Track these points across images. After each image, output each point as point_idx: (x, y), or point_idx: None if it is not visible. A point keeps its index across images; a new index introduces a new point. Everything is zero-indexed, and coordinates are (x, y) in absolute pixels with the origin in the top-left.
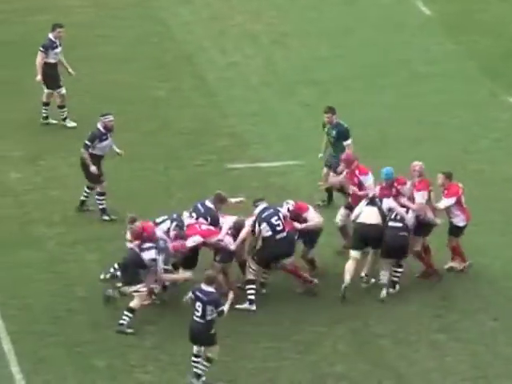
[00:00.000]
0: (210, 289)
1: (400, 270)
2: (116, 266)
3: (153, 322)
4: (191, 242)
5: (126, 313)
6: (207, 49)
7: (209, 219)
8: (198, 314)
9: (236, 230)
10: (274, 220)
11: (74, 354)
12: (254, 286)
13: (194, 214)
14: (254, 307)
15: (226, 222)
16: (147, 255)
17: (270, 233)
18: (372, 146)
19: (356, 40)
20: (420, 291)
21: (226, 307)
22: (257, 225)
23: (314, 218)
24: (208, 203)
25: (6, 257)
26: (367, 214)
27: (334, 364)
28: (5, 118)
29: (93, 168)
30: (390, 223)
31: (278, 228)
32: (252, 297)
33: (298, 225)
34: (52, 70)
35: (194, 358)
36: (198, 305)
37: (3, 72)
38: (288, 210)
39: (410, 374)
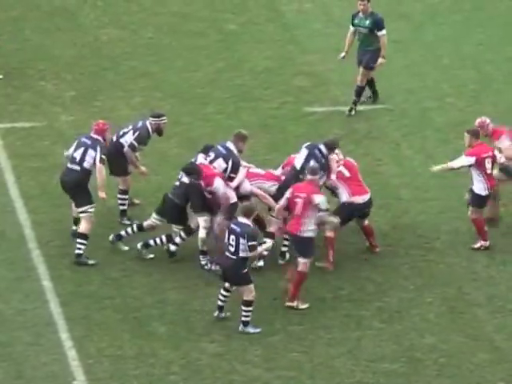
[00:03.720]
0: (247, 221)
1: None
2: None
3: (218, 284)
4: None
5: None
6: None
7: (230, 163)
8: (232, 249)
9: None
10: None
11: (131, 320)
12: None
13: (211, 154)
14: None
15: (241, 172)
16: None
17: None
18: (469, 87)
19: None
20: None
21: (260, 248)
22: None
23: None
24: (230, 145)
25: (56, 209)
26: None
27: (422, 335)
28: (52, 54)
29: (142, 169)
30: None
31: None
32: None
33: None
34: None
35: (222, 292)
36: (232, 238)
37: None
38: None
39: (509, 347)
